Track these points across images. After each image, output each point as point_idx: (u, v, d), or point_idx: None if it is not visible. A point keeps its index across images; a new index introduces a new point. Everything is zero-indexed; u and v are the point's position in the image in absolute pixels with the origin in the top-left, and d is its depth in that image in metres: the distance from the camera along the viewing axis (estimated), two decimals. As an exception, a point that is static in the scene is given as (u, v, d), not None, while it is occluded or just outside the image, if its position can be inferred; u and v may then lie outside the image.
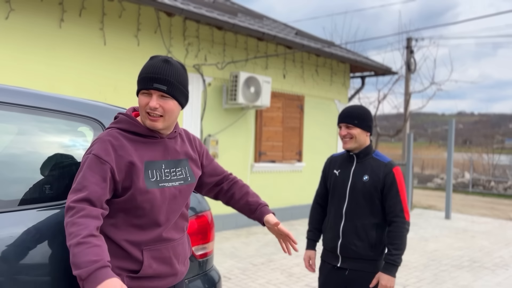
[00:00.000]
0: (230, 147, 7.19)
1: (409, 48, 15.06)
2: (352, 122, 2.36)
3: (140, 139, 1.63)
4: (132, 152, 1.58)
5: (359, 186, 2.37)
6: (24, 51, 5.01)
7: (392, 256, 2.29)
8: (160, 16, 6.20)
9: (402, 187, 2.35)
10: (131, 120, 1.63)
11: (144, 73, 1.59)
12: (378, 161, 2.40)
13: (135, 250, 1.59)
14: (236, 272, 5.00)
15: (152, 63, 1.59)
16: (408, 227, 2.35)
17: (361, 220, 2.36)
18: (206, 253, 2.24)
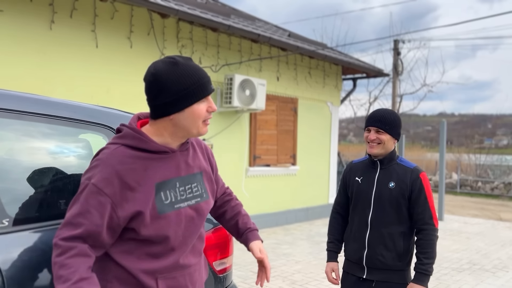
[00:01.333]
0: (225, 151, 7.05)
1: (396, 50, 15.18)
2: (384, 127, 2.25)
3: (149, 156, 1.41)
4: (141, 175, 1.38)
5: (385, 194, 2.26)
6: (13, 54, 4.79)
7: (424, 265, 2.19)
8: (154, 17, 6.03)
9: (430, 193, 2.26)
10: (138, 135, 1.41)
11: (198, 79, 1.40)
12: (403, 167, 2.31)
13: (149, 279, 1.41)
14: (237, 280, 4.86)
15: (195, 66, 1.42)
16: (437, 234, 2.26)
17: (388, 229, 2.26)
18: (225, 268, 2.11)
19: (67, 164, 1.71)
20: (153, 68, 1.41)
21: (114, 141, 1.43)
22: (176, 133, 1.44)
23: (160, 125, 1.43)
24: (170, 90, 1.37)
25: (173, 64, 1.39)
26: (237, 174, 7.27)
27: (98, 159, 1.38)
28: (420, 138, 50.57)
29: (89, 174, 1.35)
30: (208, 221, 2.09)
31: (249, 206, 7.49)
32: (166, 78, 1.37)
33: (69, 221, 1.32)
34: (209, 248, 2.04)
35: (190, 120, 1.41)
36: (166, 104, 1.38)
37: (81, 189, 1.35)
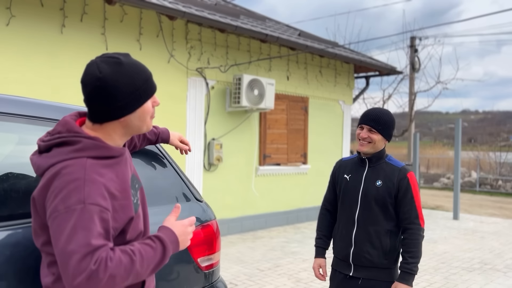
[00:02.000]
0: (235, 151, 7.12)
1: (413, 47, 14.97)
2: (377, 127, 2.27)
3: (113, 162, 1.35)
4: (118, 182, 1.33)
5: (372, 192, 2.29)
6: (26, 58, 4.97)
7: (409, 264, 2.20)
8: (162, 19, 6.14)
9: (416, 193, 2.27)
10: (101, 144, 1.32)
11: (146, 77, 1.37)
12: (391, 165, 2.32)
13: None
14: (243, 278, 4.92)
15: (138, 63, 1.38)
16: (423, 234, 2.27)
17: (374, 226, 2.28)
18: (212, 264, 2.16)
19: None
20: (98, 70, 1.30)
21: (75, 155, 1.28)
22: (126, 133, 1.39)
23: (108, 128, 1.35)
24: (121, 93, 1.30)
25: (118, 64, 1.31)
26: (247, 173, 7.33)
27: (74, 178, 1.23)
28: (442, 136, 49.53)
29: (76, 197, 1.21)
30: (197, 219, 2.15)
31: (259, 204, 7.55)
32: (115, 81, 1.29)
33: (85, 249, 1.17)
34: (197, 245, 2.10)
35: (140, 119, 1.37)
36: (117, 108, 1.31)
37: (77, 216, 1.19)
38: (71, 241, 1.18)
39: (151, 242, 1.32)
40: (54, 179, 1.24)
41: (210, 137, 6.80)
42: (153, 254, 1.29)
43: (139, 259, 1.25)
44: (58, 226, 1.20)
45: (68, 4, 5.27)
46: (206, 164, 6.75)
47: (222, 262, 5.50)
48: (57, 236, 1.21)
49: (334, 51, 8.10)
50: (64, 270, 1.18)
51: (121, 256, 1.22)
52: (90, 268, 1.16)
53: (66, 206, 1.20)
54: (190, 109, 6.52)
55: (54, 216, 1.22)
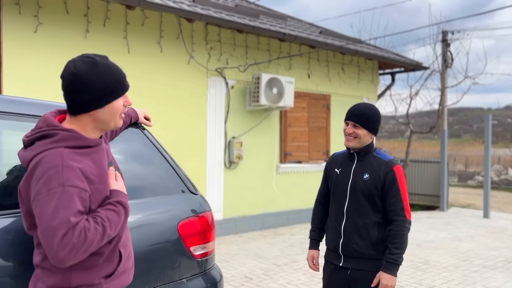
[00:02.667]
0: (255, 149, 7.24)
1: (445, 42, 14.58)
2: (361, 122, 2.34)
3: (89, 151, 1.51)
4: (94, 169, 1.49)
5: (359, 185, 2.35)
6: (52, 63, 5.27)
7: (393, 255, 2.25)
8: (182, 22, 6.34)
9: (403, 185, 2.31)
10: (76, 135, 1.48)
11: (118, 78, 1.53)
12: (378, 159, 2.38)
13: (115, 249, 1.59)
14: (258, 272, 5.03)
15: (113, 65, 1.55)
16: (409, 226, 2.31)
17: (362, 218, 2.34)
18: (206, 252, 2.29)
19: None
20: (74, 67, 1.47)
21: (53, 146, 1.43)
22: (97, 127, 1.55)
23: (82, 121, 1.52)
24: (91, 88, 1.46)
25: (93, 63, 1.48)
26: (267, 171, 7.44)
27: (53, 165, 1.38)
28: (484, 133, 47.66)
29: (56, 181, 1.37)
30: (193, 211, 2.28)
31: (280, 202, 7.64)
32: (87, 77, 1.46)
33: (66, 225, 1.33)
34: (191, 234, 2.24)
35: (109, 115, 1.53)
36: (87, 101, 1.48)
37: (58, 197, 1.35)
38: (53, 219, 1.34)
39: (114, 207, 1.51)
40: (36, 168, 1.41)
41: (231, 136, 6.95)
42: (117, 217, 1.51)
43: (108, 224, 1.46)
44: (41, 207, 1.37)
45: (91, 11, 5.55)
46: (226, 162, 6.91)
47: (240, 257, 5.64)
48: (40, 216, 1.37)
49: (355, 47, 8.07)
50: (49, 246, 1.35)
51: (94, 225, 1.42)
52: (73, 241, 1.34)
53: (48, 189, 1.36)
54: (210, 108, 6.70)
55: (37, 199, 1.38)
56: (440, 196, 10.17)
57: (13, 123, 1.88)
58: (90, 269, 1.50)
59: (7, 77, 5.01)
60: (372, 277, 2.31)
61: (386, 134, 40.86)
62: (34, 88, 5.12)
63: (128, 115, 2.16)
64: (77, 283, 1.48)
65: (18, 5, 5.03)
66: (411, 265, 5.41)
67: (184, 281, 2.15)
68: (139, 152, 2.23)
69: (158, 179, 2.24)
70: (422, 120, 30.63)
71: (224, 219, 6.91)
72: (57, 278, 1.47)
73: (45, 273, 1.48)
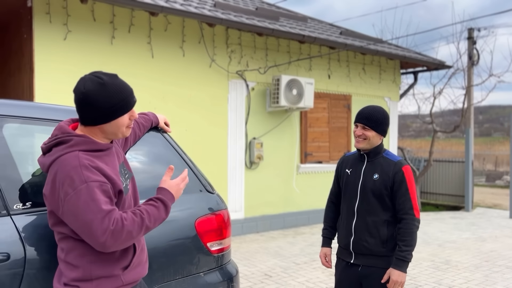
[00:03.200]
0: (275, 149, 7.35)
1: (471, 39, 14.30)
2: (370, 124, 2.43)
3: (102, 154, 1.68)
4: (107, 169, 1.63)
5: (369, 185, 2.44)
6: (80, 68, 5.53)
7: (402, 252, 2.33)
8: (203, 27, 6.52)
9: (411, 185, 2.39)
10: (89, 140, 1.65)
11: (123, 97, 1.67)
12: (388, 160, 2.46)
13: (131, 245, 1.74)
14: (278, 270, 5.15)
15: (120, 84, 1.68)
16: (418, 224, 2.38)
17: (372, 217, 2.43)
18: (223, 248, 2.42)
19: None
20: (83, 86, 1.63)
21: (69, 150, 1.60)
22: (105, 137, 1.72)
23: (91, 130, 1.69)
24: (98, 107, 1.62)
25: (101, 85, 1.62)
26: (288, 171, 7.54)
27: (72, 166, 1.55)
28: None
29: (79, 179, 1.53)
30: (209, 209, 2.42)
31: (301, 202, 7.73)
32: (95, 97, 1.61)
33: (100, 214, 1.51)
34: (208, 231, 2.38)
35: (115, 128, 1.70)
36: (95, 118, 1.64)
37: (84, 193, 1.51)
38: (86, 212, 1.51)
39: (154, 202, 1.70)
40: (57, 172, 1.58)
41: (251, 136, 7.09)
42: (157, 211, 1.68)
43: (147, 216, 1.63)
44: (73, 205, 1.53)
45: (117, 18, 5.79)
46: (247, 162, 7.05)
47: (260, 255, 5.76)
48: (75, 213, 1.53)
49: (375, 47, 8.07)
50: (90, 237, 1.54)
51: (132, 216, 1.60)
52: (110, 228, 1.51)
53: (74, 188, 1.53)
54: (231, 110, 6.85)
55: (67, 200, 1.54)
56: (465, 196, 10.03)
57: (43, 128, 2.06)
58: (108, 261, 1.65)
59: (39, 82, 5.29)
60: (382, 274, 2.40)
61: (413, 133, 40.15)
62: (64, 91, 5.39)
63: (149, 120, 2.32)
64: (97, 275, 1.63)
65: (49, 14, 5.31)
66: (431, 265, 5.42)
67: (201, 274, 2.30)
68: (160, 154, 2.39)
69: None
70: (451, 118, 30.02)
71: (245, 219, 7.05)
72: (79, 272, 1.62)
73: (68, 267, 1.64)
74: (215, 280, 2.35)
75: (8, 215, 1.83)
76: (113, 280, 1.66)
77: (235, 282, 2.46)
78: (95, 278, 1.63)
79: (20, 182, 1.90)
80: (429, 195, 11.68)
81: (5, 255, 1.75)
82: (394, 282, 2.33)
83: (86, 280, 1.62)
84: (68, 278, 1.64)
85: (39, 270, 1.81)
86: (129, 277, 1.71)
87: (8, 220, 1.83)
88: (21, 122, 2.02)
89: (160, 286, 2.12)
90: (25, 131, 2.05)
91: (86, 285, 1.62)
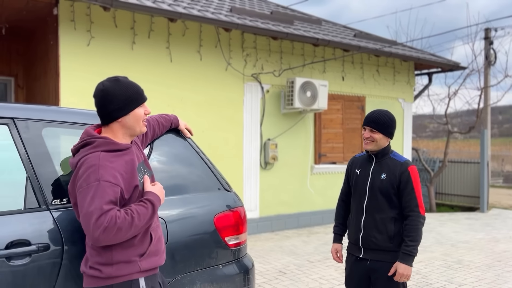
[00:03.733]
0: (290, 150, 7.51)
1: (488, 39, 14.20)
2: (377, 127, 2.60)
3: (121, 153, 1.89)
4: (125, 167, 1.85)
5: (377, 184, 2.59)
6: (102, 73, 5.78)
7: (408, 247, 2.48)
8: (220, 31, 6.72)
9: (417, 184, 2.54)
10: (110, 141, 1.88)
11: (136, 90, 1.93)
12: (394, 160, 2.61)
13: (147, 232, 1.95)
14: (292, 267, 5.31)
15: (132, 81, 1.96)
16: (423, 221, 2.52)
17: (380, 214, 2.58)
18: (239, 242, 2.60)
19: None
20: (102, 86, 1.90)
21: (92, 150, 1.84)
22: (126, 133, 1.94)
23: (113, 129, 1.92)
24: (116, 99, 1.88)
25: (116, 81, 1.91)
26: (302, 172, 7.69)
27: (92, 165, 1.78)
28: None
29: (94, 177, 1.76)
30: (227, 206, 2.61)
31: (315, 202, 7.87)
32: (113, 91, 1.88)
33: (100, 211, 1.71)
34: (226, 226, 2.56)
35: (133, 121, 1.93)
36: (114, 110, 1.88)
37: (94, 189, 1.74)
38: (90, 205, 1.74)
39: (143, 203, 1.88)
40: (79, 169, 1.83)
41: (266, 138, 7.26)
42: (146, 211, 1.86)
43: (137, 215, 1.81)
44: (82, 197, 1.78)
45: (137, 24, 6.04)
46: (262, 163, 7.23)
47: (275, 253, 5.93)
48: (81, 204, 1.77)
49: (389, 50, 8.16)
50: (87, 227, 1.76)
51: (124, 215, 1.78)
52: (104, 225, 1.72)
53: (87, 183, 1.77)
54: (246, 112, 7.04)
55: (79, 191, 1.80)
56: (480, 197, 10.02)
57: (67, 130, 2.27)
58: (127, 248, 1.88)
59: (64, 85, 5.56)
60: (389, 268, 2.55)
61: (430, 133, 39.76)
62: (88, 95, 5.65)
63: (169, 120, 2.53)
64: (117, 260, 1.86)
65: (73, 21, 5.58)
66: (443, 264, 5.51)
67: (220, 266, 2.48)
68: (180, 154, 2.58)
69: (197, 178, 2.58)
70: (469, 119, 29.69)
71: (260, 218, 7.23)
72: (102, 257, 1.85)
73: (93, 253, 1.88)
74: (233, 272, 2.53)
75: (48, 210, 2.05)
76: (131, 265, 1.88)
77: (251, 275, 2.63)
78: (115, 263, 1.86)
79: (57, 180, 2.12)
80: (444, 196, 11.68)
81: (46, 246, 1.97)
82: (400, 275, 2.48)
83: (108, 264, 1.85)
84: (92, 262, 1.88)
85: (75, 259, 2.01)
86: (145, 264, 1.92)
87: (47, 214, 2.04)
88: (57, 126, 2.24)
89: (182, 276, 2.31)
90: (60, 133, 2.27)
91: (107, 269, 1.85)
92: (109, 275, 1.85)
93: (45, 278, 1.96)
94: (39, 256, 1.95)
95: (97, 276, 1.86)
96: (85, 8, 5.64)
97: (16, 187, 2.03)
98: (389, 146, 2.67)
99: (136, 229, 1.82)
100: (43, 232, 1.99)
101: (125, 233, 1.78)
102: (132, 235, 1.84)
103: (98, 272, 1.85)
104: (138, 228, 1.83)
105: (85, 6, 5.61)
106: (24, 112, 2.18)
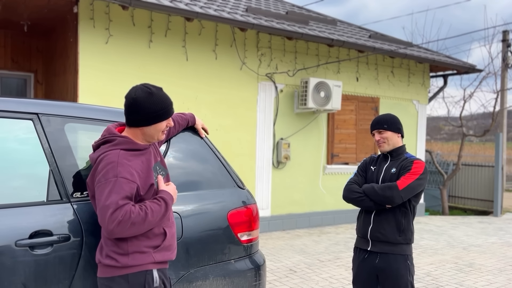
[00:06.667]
0: (302, 150, 7.55)
1: (506, 41, 14.02)
2: (382, 127, 2.72)
3: (139, 153, 2.00)
4: (142, 166, 1.95)
5: (387, 177, 2.69)
6: (120, 71, 5.90)
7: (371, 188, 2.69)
8: (235, 31, 6.79)
9: (415, 173, 2.60)
10: (129, 141, 1.99)
11: (164, 107, 2.00)
12: (407, 159, 2.70)
13: (160, 228, 2.03)
14: (302, 266, 5.36)
15: (164, 96, 2.03)
16: (396, 193, 2.55)
17: (390, 207, 2.65)
18: (251, 239, 2.67)
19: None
20: (134, 93, 1.98)
21: (112, 148, 1.94)
22: (144, 138, 2.04)
23: (134, 132, 2.02)
24: (143, 112, 1.96)
25: (149, 94, 1.97)
26: (314, 171, 7.72)
27: (111, 161, 1.88)
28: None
29: (112, 173, 1.86)
30: (242, 202, 2.67)
31: (327, 202, 7.90)
32: (142, 104, 1.96)
33: (115, 205, 1.80)
34: (239, 223, 2.63)
35: (154, 132, 2.03)
36: (140, 120, 1.98)
37: (112, 185, 1.83)
38: (107, 199, 1.83)
39: (157, 201, 1.97)
40: (99, 164, 1.93)
41: (279, 137, 7.31)
42: (159, 208, 1.95)
43: (150, 212, 1.90)
44: (100, 191, 1.87)
45: (154, 22, 6.14)
46: (275, 162, 7.29)
47: (286, 252, 5.99)
48: (99, 198, 1.87)
49: (404, 51, 8.14)
50: (102, 220, 1.84)
51: (139, 210, 1.87)
52: (119, 219, 1.81)
53: (106, 179, 1.87)
54: (260, 111, 7.10)
55: (98, 186, 1.89)
56: (494, 201, 9.93)
57: (88, 126, 2.35)
58: (142, 241, 1.97)
59: (83, 82, 5.69)
60: (398, 267, 2.60)
61: (445, 136, 39.32)
62: (105, 92, 5.77)
63: (185, 119, 2.61)
64: (133, 250, 1.95)
65: (93, 19, 5.70)
66: (454, 267, 5.50)
67: (232, 261, 2.55)
68: (196, 151, 2.65)
69: (212, 175, 2.65)
70: (486, 122, 29.32)
71: (272, 216, 7.29)
72: (118, 247, 1.94)
73: (109, 242, 1.96)
74: (244, 267, 2.60)
75: (69, 202, 2.14)
76: (145, 256, 1.97)
77: (262, 270, 2.70)
78: (131, 253, 1.94)
79: (78, 173, 2.20)
80: (458, 199, 11.59)
81: (67, 236, 2.06)
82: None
83: (123, 254, 1.94)
84: (108, 250, 1.96)
85: (94, 250, 2.09)
86: (159, 256, 2.01)
87: (68, 206, 2.13)
88: (78, 122, 2.32)
89: (196, 269, 2.38)
90: (82, 129, 2.35)
91: (123, 258, 1.94)
92: (125, 264, 1.93)
93: (65, 268, 2.05)
94: (60, 246, 2.04)
95: (113, 265, 1.94)
96: (104, 6, 5.76)
97: (40, 179, 2.12)
98: (403, 147, 2.76)
99: (149, 224, 1.91)
100: (64, 224, 2.08)
101: (138, 227, 1.87)
102: (145, 230, 1.92)
103: (114, 261, 1.94)
104: (152, 224, 1.92)
105: (104, 4, 5.73)
106: (48, 108, 2.27)
